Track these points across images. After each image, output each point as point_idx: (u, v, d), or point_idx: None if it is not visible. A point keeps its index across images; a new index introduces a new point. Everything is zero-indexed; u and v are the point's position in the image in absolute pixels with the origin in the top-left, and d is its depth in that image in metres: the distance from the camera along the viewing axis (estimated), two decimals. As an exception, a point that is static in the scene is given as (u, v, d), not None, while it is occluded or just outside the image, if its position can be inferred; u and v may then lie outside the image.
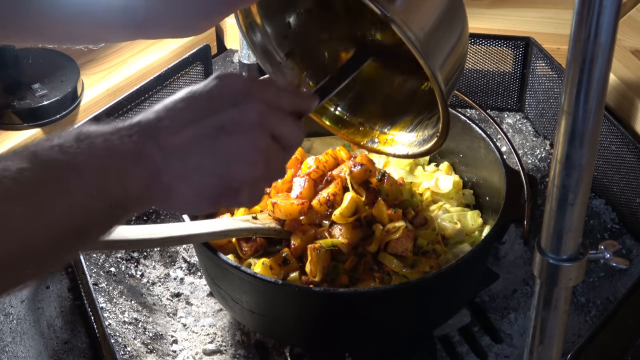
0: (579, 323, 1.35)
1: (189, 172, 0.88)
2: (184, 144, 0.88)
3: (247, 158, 0.91)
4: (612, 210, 1.51)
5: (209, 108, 0.90)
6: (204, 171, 0.89)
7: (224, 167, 0.90)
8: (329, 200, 1.27)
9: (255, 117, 0.91)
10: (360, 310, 1.21)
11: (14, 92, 1.59)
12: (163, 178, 0.87)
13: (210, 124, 0.89)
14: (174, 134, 0.88)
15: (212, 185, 0.90)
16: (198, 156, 0.89)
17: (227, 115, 0.90)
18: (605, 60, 0.71)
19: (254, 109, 0.91)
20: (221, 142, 0.89)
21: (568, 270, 0.81)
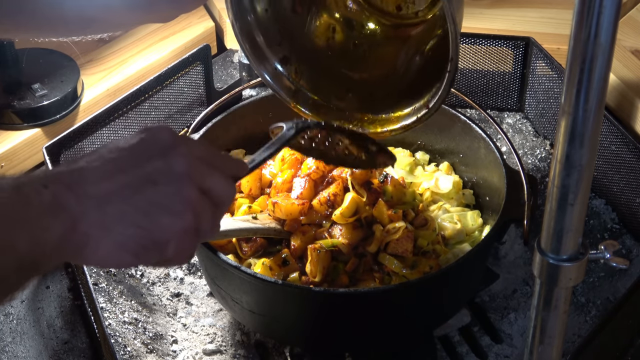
0: (579, 323, 1.35)
1: (110, 222, 0.84)
2: (106, 193, 0.84)
3: (172, 208, 0.86)
4: (612, 210, 1.51)
5: (135, 159, 0.87)
6: (126, 221, 0.84)
7: (148, 217, 0.85)
8: (329, 200, 1.27)
9: (182, 168, 0.88)
10: (360, 310, 1.21)
11: (14, 92, 1.59)
12: (80, 227, 0.82)
13: (135, 174, 0.86)
14: (95, 183, 0.84)
15: (135, 236, 0.85)
16: (120, 205, 0.84)
17: (153, 165, 0.87)
18: (605, 60, 0.71)
19: (181, 161, 0.88)
20: (145, 192, 0.85)
21: (568, 270, 0.81)
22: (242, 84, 1.61)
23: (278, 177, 1.35)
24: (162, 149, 0.89)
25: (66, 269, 1.43)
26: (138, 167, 0.86)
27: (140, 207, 0.85)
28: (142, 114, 1.57)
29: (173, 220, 0.87)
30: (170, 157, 0.88)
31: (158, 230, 0.86)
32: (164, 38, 1.81)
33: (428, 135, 1.50)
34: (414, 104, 1.23)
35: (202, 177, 0.89)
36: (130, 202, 0.85)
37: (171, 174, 0.87)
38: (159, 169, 0.87)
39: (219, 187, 0.91)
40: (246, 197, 1.36)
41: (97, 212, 0.83)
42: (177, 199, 0.87)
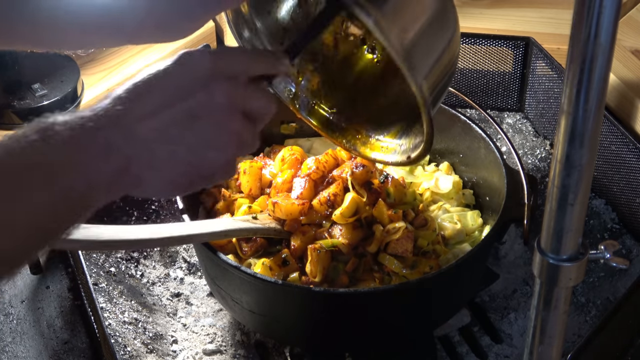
0: (579, 323, 1.35)
1: (159, 162, 0.87)
2: (153, 132, 0.86)
3: (218, 143, 0.89)
4: (612, 210, 1.51)
5: (176, 92, 0.88)
6: (175, 160, 0.87)
7: (195, 155, 0.88)
8: (329, 200, 1.27)
9: (224, 99, 0.89)
10: (360, 310, 1.21)
11: (14, 92, 1.59)
12: (132, 169, 0.85)
13: (179, 109, 0.87)
14: (141, 121, 0.86)
15: (184, 173, 0.88)
16: (168, 145, 0.87)
17: (195, 100, 0.88)
18: (605, 60, 0.71)
19: (222, 90, 0.89)
20: (191, 128, 0.87)
21: (568, 270, 0.81)
22: (242, 84, 1.61)
23: (278, 177, 1.35)
24: (202, 78, 0.89)
25: (66, 269, 1.43)
26: (181, 102, 0.88)
27: (187, 145, 0.88)
28: (142, 114, 1.57)
29: (219, 154, 0.90)
30: (211, 87, 0.89)
31: (205, 165, 0.89)
32: (164, 38, 1.81)
33: (428, 135, 1.50)
34: (402, 139, 1.20)
35: (243, 101, 0.91)
36: (178, 140, 0.87)
37: (214, 107, 0.89)
38: (202, 103, 0.88)
39: (258, 106, 0.93)
40: (246, 197, 1.36)
41: (147, 152, 0.86)
42: (221, 134, 0.89)
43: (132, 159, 0.85)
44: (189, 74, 0.90)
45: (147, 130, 0.86)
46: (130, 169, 0.85)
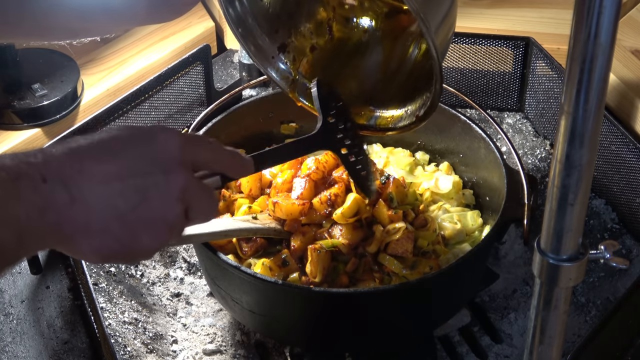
0: (579, 323, 1.35)
1: (94, 231, 0.85)
2: (98, 198, 0.85)
3: (156, 231, 0.89)
4: (612, 210, 1.51)
5: (136, 167, 0.87)
6: (110, 235, 0.86)
7: (132, 236, 0.88)
8: (329, 200, 1.27)
9: (178, 190, 0.89)
10: (360, 310, 1.21)
11: (14, 92, 1.59)
12: (66, 229, 0.84)
13: (132, 185, 0.86)
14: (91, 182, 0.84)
15: (113, 248, 0.87)
16: (108, 218, 0.86)
17: (152, 180, 0.87)
18: (605, 60, 0.71)
19: (179, 181, 0.89)
20: (136, 209, 0.87)
21: (568, 270, 0.81)
22: (242, 84, 1.61)
23: (278, 178, 1.35)
24: (166, 162, 0.89)
25: (66, 269, 1.43)
26: (137, 177, 0.87)
27: (127, 225, 0.87)
28: (142, 114, 1.57)
29: (150, 241, 0.89)
30: (171, 176, 0.89)
31: (135, 247, 0.89)
32: (164, 38, 1.81)
33: (428, 135, 1.50)
34: (407, 105, 1.23)
35: (192, 200, 0.91)
36: (119, 216, 0.86)
37: (165, 195, 0.88)
38: (156, 186, 0.88)
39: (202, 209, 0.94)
40: (246, 197, 1.36)
41: (86, 218, 0.84)
42: (161, 221, 0.89)
43: (70, 220, 0.83)
44: (156, 153, 0.89)
45: (94, 195, 0.85)
46: (63, 228, 0.83)
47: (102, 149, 0.87)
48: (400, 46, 1.26)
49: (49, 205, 0.82)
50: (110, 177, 0.86)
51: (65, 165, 0.84)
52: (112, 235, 0.86)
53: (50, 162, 0.83)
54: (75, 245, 0.86)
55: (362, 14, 1.27)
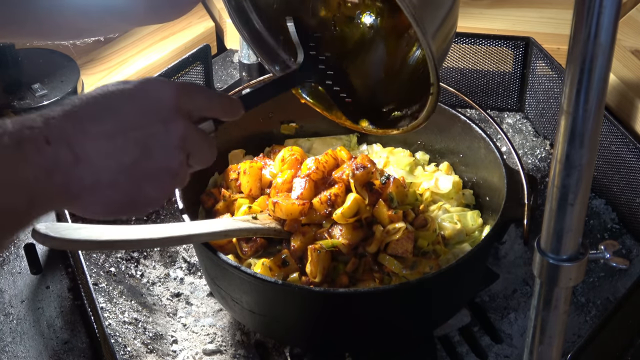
0: (579, 323, 1.35)
1: (100, 187, 0.87)
2: (102, 155, 0.86)
3: (159, 180, 0.91)
4: (612, 210, 1.51)
5: (135, 120, 0.89)
6: (116, 189, 0.88)
7: (137, 188, 0.89)
8: (329, 200, 1.27)
9: (178, 139, 0.91)
10: (360, 310, 1.21)
11: (14, 92, 1.59)
12: (73, 188, 0.85)
13: (132, 138, 0.88)
14: (93, 140, 0.86)
15: (119, 201, 0.89)
16: (113, 173, 0.87)
17: (151, 131, 0.89)
18: (605, 60, 0.71)
19: (179, 130, 0.91)
20: (140, 162, 0.88)
21: (568, 270, 0.81)
22: (242, 84, 1.61)
23: (278, 178, 1.35)
24: (163, 111, 0.90)
25: (66, 269, 1.43)
26: (137, 131, 0.88)
27: (132, 177, 0.89)
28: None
29: (156, 190, 0.91)
30: (169, 124, 0.90)
31: (141, 197, 0.91)
32: (164, 38, 1.81)
33: (428, 135, 1.50)
34: (407, 106, 1.23)
35: (192, 147, 0.93)
36: (124, 170, 0.88)
37: (166, 145, 0.90)
38: (157, 137, 0.89)
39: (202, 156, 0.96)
40: (246, 197, 1.36)
41: (92, 176, 0.86)
42: (165, 170, 0.91)
43: (76, 180, 0.85)
44: (152, 104, 0.90)
45: (97, 151, 0.86)
46: (72, 188, 0.85)
47: (99, 107, 0.88)
48: (403, 45, 1.26)
49: (55, 166, 0.83)
50: (111, 133, 0.87)
51: (66, 126, 0.85)
52: (119, 189, 0.88)
53: (51, 124, 0.84)
54: (83, 202, 0.87)
55: (366, 10, 1.27)
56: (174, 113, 0.91)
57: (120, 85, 0.90)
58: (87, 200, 0.87)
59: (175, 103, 0.91)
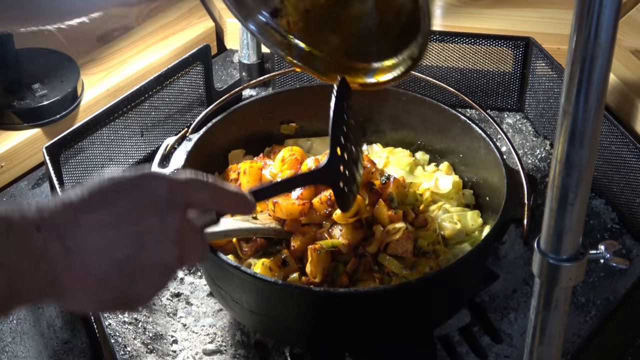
0: (579, 323, 1.35)
1: (91, 281, 0.84)
2: (94, 248, 0.83)
3: (154, 278, 0.88)
4: (612, 210, 1.51)
5: (129, 213, 0.86)
6: (108, 284, 0.85)
7: (131, 285, 0.86)
8: (329, 200, 1.27)
9: (174, 232, 0.88)
10: (360, 310, 1.21)
11: (14, 92, 1.59)
12: (61, 281, 0.82)
13: (127, 232, 0.85)
14: (86, 232, 0.83)
15: (113, 297, 0.86)
16: (105, 267, 0.84)
17: (146, 226, 0.86)
18: (605, 60, 0.71)
19: (174, 224, 0.88)
20: (133, 257, 0.85)
21: (568, 270, 0.81)
22: (242, 84, 1.61)
23: (278, 178, 1.35)
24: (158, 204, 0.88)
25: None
26: (131, 224, 0.86)
27: (125, 272, 0.86)
28: (142, 114, 1.57)
29: (152, 288, 0.89)
30: (164, 217, 0.88)
31: (134, 295, 0.88)
32: (164, 38, 1.81)
33: (428, 135, 1.50)
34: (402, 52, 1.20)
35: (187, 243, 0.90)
36: (116, 265, 0.85)
37: (162, 239, 0.87)
38: (152, 231, 0.87)
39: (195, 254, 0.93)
40: (246, 197, 1.36)
41: (82, 268, 0.83)
42: (160, 268, 0.88)
43: (64, 269, 0.82)
44: (147, 198, 0.88)
45: (89, 244, 0.83)
46: (59, 278, 0.82)
47: (94, 199, 0.86)
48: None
49: (43, 254, 0.80)
50: (104, 226, 0.84)
51: (58, 216, 0.83)
52: (111, 284, 0.85)
53: (43, 212, 0.82)
54: (72, 295, 0.84)
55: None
56: (169, 207, 0.88)
57: (117, 177, 0.88)
58: (77, 294, 0.84)
59: (171, 197, 0.89)
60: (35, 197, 1.56)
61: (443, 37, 1.69)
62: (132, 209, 0.86)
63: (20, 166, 1.59)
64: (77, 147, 1.47)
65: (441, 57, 1.71)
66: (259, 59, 1.77)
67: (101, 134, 1.51)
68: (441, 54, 1.70)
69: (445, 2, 1.90)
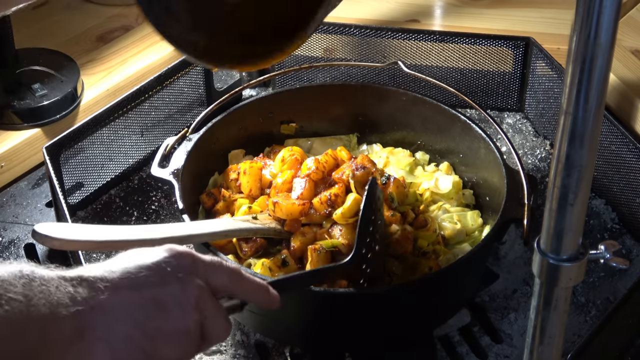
0: (579, 323, 1.35)
1: (115, 338, 0.86)
2: (117, 309, 0.86)
3: (177, 340, 0.90)
4: (612, 210, 1.51)
5: (152, 278, 0.89)
6: (130, 342, 0.87)
7: (152, 346, 0.88)
8: (329, 200, 1.27)
9: (194, 298, 0.90)
10: (360, 310, 1.21)
11: (14, 92, 1.59)
12: (87, 336, 0.85)
13: (150, 294, 0.88)
14: (109, 296, 0.86)
15: (133, 357, 0.88)
16: (128, 326, 0.87)
17: (168, 289, 0.89)
18: (605, 60, 0.71)
19: (195, 289, 0.91)
20: (156, 317, 0.88)
21: (568, 270, 0.81)
22: (242, 84, 1.62)
23: (278, 178, 1.35)
24: (180, 271, 0.91)
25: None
26: (154, 287, 0.89)
27: (147, 332, 0.88)
28: (142, 114, 1.57)
29: (174, 351, 0.90)
30: (186, 283, 0.91)
31: (156, 356, 0.89)
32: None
33: (428, 135, 1.50)
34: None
35: (208, 312, 0.92)
36: (139, 325, 0.87)
37: (183, 302, 0.90)
38: (174, 294, 0.90)
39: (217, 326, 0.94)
40: (246, 197, 1.36)
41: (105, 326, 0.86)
42: (182, 331, 0.90)
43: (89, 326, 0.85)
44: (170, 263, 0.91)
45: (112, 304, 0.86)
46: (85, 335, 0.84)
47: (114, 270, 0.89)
48: None
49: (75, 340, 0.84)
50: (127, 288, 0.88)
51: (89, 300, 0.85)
52: (135, 344, 0.87)
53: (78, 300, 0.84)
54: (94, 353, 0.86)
55: None
56: (191, 276, 0.91)
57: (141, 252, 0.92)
58: (99, 352, 0.86)
59: (194, 269, 0.92)
60: (35, 197, 1.56)
61: (443, 37, 1.69)
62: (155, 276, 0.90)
63: (20, 166, 1.59)
64: (77, 147, 1.47)
65: (441, 57, 1.71)
66: (259, 59, 1.77)
67: (101, 134, 1.51)
68: (441, 54, 1.70)
69: (445, 2, 1.90)
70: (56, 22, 1.84)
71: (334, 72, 1.74)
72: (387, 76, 1.72)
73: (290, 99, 1.50)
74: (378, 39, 1.71)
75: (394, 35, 1.70)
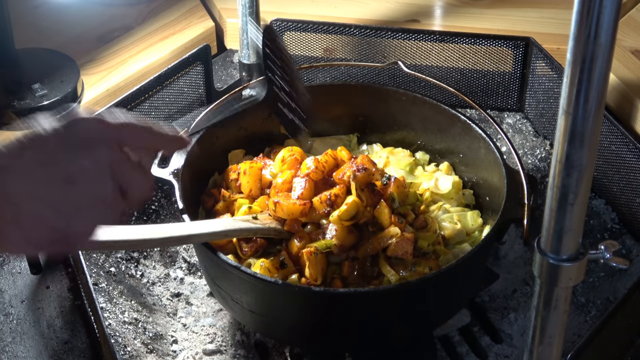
0: (579, 323, 1.35)
1: (24, 220, 0.84)
2: (24, 190, 0.84)
3: (88, 210, 0.87)
4: (612, 210, 1.51)
5: (58, 152, 0.86)
6: (41, 221, 0.85)
7: (63, 219, 0.86)
8: (329, 199, 1.27)
9: (104, 165, 0.88)
10: (360, 310, 1.21)
11: (14, 92, 1.59)
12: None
13: (56, 171, 0.85)
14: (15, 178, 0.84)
15: (46, 235, 0.86)
16: (37, 205, 0.84)
17: (76, 161, 0.86)
18: (605, 60, 0.71)
19: (104, 157, 0.88)
20: (64, 192, 0.85)
21: (568, 270, 0.81)
22: (242, 84, 1.61)
23: (278, 178, 1.35)
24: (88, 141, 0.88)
25: (66, 269, 1.43)
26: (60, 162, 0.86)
27: (57, 208, 0.85)
28: (142, 114, 1.57)
29: (87, 222, 0.88)
30: (94, 150, 0.87)
31: (70, 231, 0.87)
32: (164, 38, 1.81)
33: (428, 135, 1.50)
34: None
35: (122, 175, 0.89)
36: (47, 202, 0.85)
37: (92, 172, 0.87)
38: (82, 165, 0.86)
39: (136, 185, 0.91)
40: (246, 197, 1.36)
41: (12, 209, 0.84)
42: (93, 201, 0.87)
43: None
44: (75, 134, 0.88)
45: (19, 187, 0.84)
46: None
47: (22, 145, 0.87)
48: None
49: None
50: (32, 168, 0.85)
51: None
52: (45, 223, 0.85)
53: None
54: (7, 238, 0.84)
55: None
56: (100, 143, 0.88)
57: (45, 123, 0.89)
58: (10, 235, 0.84)
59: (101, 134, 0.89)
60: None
61: (443, 37, 1.69)
62: (59, 148, 0.86)
63: (20, 166, 1.58)
64: (77, 147, 1.47)
65: (441, 57, 1.71)
66: (259, 59, 1.77)
67: (101, 134, 1.51)
68: (441, 54, 1.70)
69: (445, 2, 1.90)
70: (56, 22, 1.84)
71: (334, 72, 1.74)
72: (387, 76, 1.72)
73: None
74: (378, 39, 1.71)
75: (394, 35, 1.70)
